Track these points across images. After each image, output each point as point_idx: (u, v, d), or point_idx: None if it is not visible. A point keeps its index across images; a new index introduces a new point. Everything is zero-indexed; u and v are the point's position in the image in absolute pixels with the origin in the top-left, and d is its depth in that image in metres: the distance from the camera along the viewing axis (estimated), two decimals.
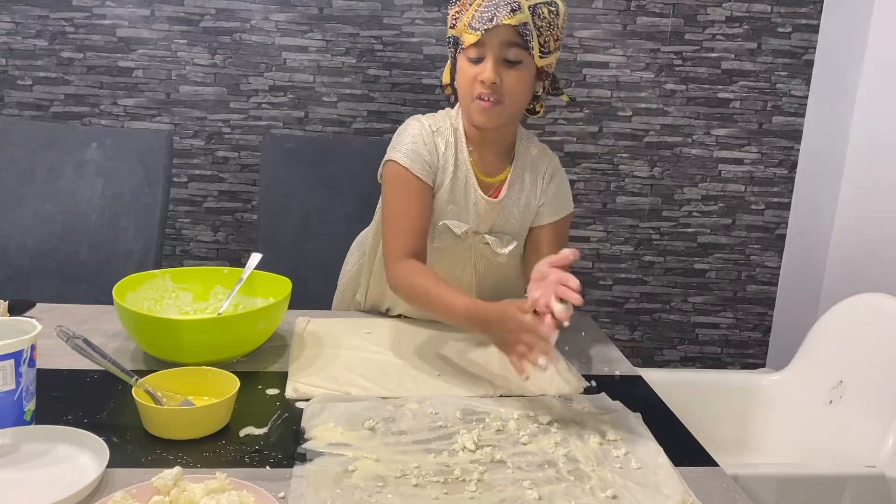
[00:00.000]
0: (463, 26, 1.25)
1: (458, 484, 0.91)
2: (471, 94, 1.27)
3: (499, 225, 1.37)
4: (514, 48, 1.24)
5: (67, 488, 0.83)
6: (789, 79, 2.51)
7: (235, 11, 2.35)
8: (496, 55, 1.24)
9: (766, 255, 2.65)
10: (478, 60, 1.25)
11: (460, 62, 1.29)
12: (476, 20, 1.22)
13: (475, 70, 1.25)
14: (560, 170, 1.42)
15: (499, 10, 1.20)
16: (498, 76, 1.24)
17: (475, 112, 1.29)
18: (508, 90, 1.26)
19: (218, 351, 1.19)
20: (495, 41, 1.23)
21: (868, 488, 1.34)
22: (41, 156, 1.85)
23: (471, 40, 1.23)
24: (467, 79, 1.27)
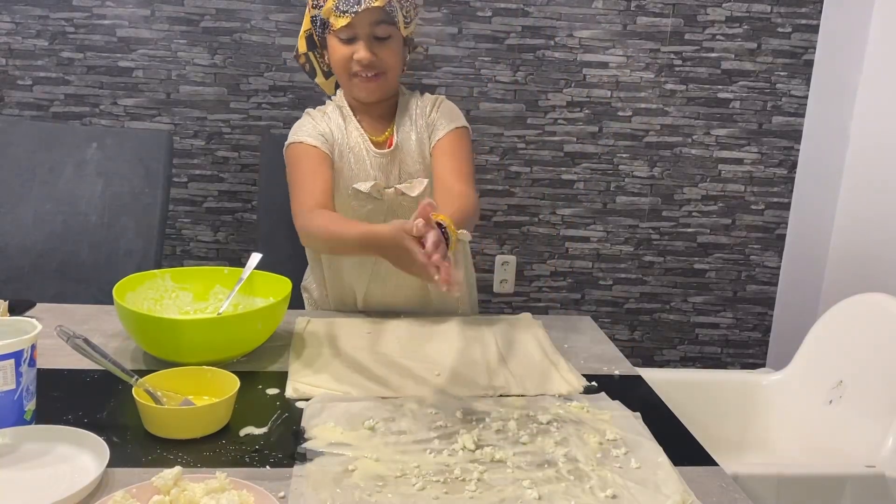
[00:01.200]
0: (330, 8, 1.29)
1: (457, 484, 0.91)
2: (348, 71, 1.34)
3: (404, 172, 1.42)
4: (382, 25, 1.31)
5: (67, 488, 0.83)
6: (789, 79, 2.51)
7: (235, 11, 2.35)
8: (367, 34, 1.30)
9: (765, 255, 2.65)
10: (349, 40, 1.31)
11: (331, 42, 1.34)
12: (343, 3, 1.27)
13: (348, 49, 1.32)
14: (443, 99, 1.46)
15: None
16: (372, 53, 1.31)
17: (356, 88, 1.36)
18: (385, 64, 1.34)
19: (218, 351, 1.19)
20: (365, 21, 1.29)
21: (868, 488, 1.34)
22: (41, 156, 1.85)
23: (341, 23, 1.28)
24: (342, 58, 1.33)
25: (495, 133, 2.50)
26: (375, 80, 1.34)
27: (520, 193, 2.55)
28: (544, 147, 2.52)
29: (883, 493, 1.34)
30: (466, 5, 2.39)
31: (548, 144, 2.52)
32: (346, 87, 1.39)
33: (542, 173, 2.54)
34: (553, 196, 2.56)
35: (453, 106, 1.46)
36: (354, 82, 1.35)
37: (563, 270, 2.62)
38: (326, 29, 1.34)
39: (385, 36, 1.32)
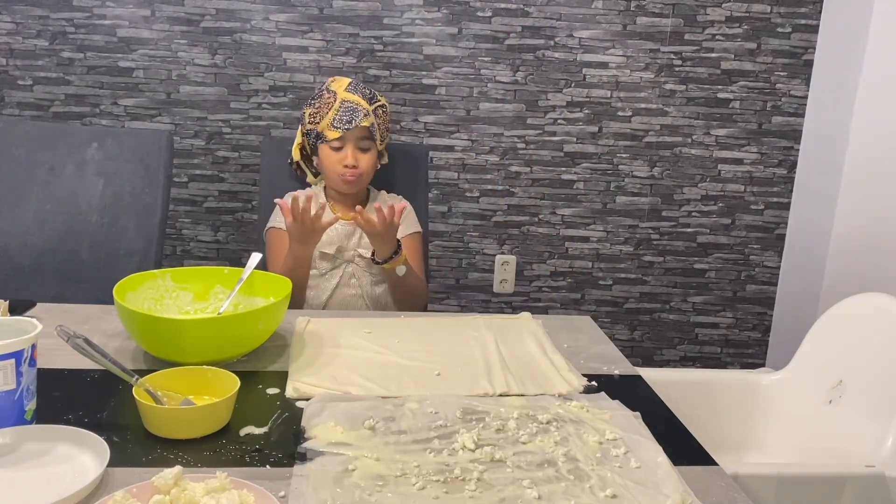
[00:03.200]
0: (326, 125, 1.71)
1: (457, 483, 0.91)
2: (337, 172, 1.73)
3: (363, 243, 1.75)
4: (365, 140, 1.73)
5: (68, 488, 0.83)
6: (789, 79, 2.51)
7: (235, 11, 2.35)
8: (354, 145, 1.72)
9: (765, 254, 2.65)
10: (338, 149, 1.72)
11: (323, 150, 1.74)
12: (337, 121, 1.70)
13: (338, 156, 1.72)
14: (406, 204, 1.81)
15: (356, 115, 1.70)
16: (356, 159, 1.72)
17: (341, 184, 1.75)
18: (364, 167, 1.74)
19: (218, 350, 1.19)
20: (353, 136, 1.72)
21: (868, 488, 1.34)
22: (41, 156, 1.85)
23: (334, 135, 1.71)
24: (333, 162, 1.73)
25: (495, 133, 2.50)
26: (356, 179, 1.73)
27: (520, 193, 2.55)
28: (544, 147, 2.52)
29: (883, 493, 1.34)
30: (466, 5, 2.39)
31: (548, 144, 2.52)
32: (333, 182, 1.77)
33: (542, 173, 2.55)
34: (553, 196, 2.56)
35: (413, 213, 1.84)
36: (340, 180, 1.74)
37: (562, 270, 2.63)
38: (320, 139, 1.73)
39: (366, 147, 1.74)
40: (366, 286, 1.75)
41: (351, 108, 1.70)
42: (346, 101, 1.71)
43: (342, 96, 1.72)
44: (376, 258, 1.64)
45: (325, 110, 1.72)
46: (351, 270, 1.75)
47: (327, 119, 1.71)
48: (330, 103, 1.72)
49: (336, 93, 1.72)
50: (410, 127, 2.47)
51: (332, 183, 1.77)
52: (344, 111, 1.70)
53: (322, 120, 1.72)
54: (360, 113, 1.70)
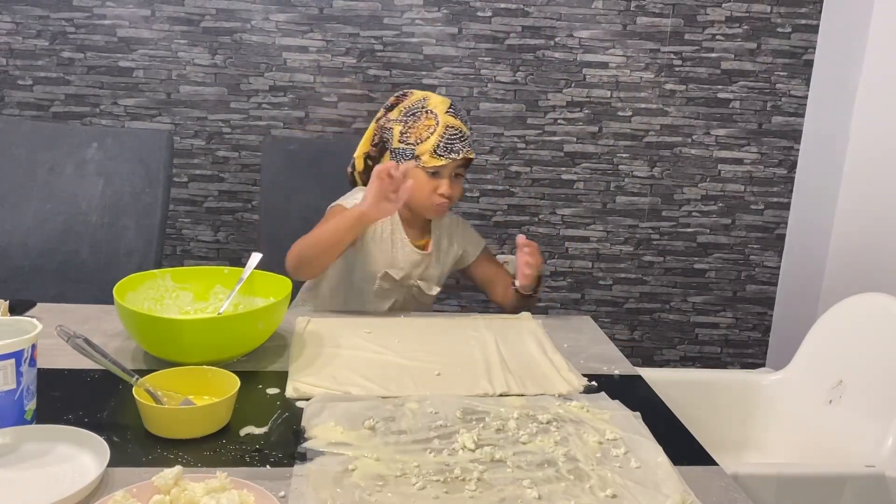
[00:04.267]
0: (427, 150, 1.58)
1: (457, 483, 0.91)
2: (430, 200, 1.61)
3: (427, 274, 1.68)
4: (461, 168, 1.63)
5: (68, 488, 0.83)
6: (789, 79, 2.51)
7: (235, 11, 2.35)
8: (451, 174, 1.61)
9: (765, 254, 2.65)
10: (434, 175, 1.59)
11: (417, 173, 1.58)
12: (441, 149, 1.57)
13: (433, 183, 1.60)
14: (461, 221, 1.79)
15: (461, 144, 1.59)
16: (451, 189, 1.61)
17: (432, 212, 1.65)
18: (457, 195, 1.64)
19: (218, 350, 1.19)
20: (453, 165, 1.60)
21: (868, 488, 1.34)
22: (41, 156, 1.85)
23: (435, 163, 1.57)
24: (427, 188, 1.60)
25: (495, 133, 2.50)
26: (446, 209, 1.65)
27: (520, 193, 2.55)
28: (544, 147, 2.52)
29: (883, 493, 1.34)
30: (466, 5, 2.39)
31: (548, 144, 2.52)
32: (421, 210, 1.65)
33: (542, 173, 2.54)
34: (553, 196, 2.56)
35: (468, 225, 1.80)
36: (431, 207, 1.62)
37: (562, 270, 2.63)
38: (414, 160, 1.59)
39: (461, 174, 1.64)
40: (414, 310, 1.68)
41: (455, 136, 1.58)
42: (451, 126, 1.58)
43: (445, 120, 1.58)
44: (520, 289, 1.59)
45: (426, 133, 1.58)
46: (405, 299, 1.68)
47: (428, 144, 1.57)
48: (431, 126, 1.58)
49: (437, 115, 1.59)
50: None
51: (419, 209, 1.65)
52: (448, 138, 1.57)
53: (422, 143, 1.58)
54: (465, 142, 1.59)
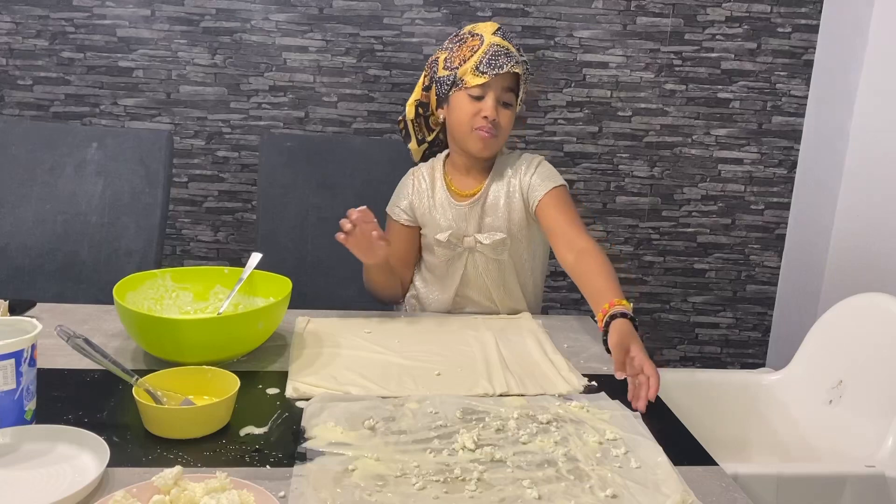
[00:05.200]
0: (469, 69, 1.47)
1: (457, 483, 0.91)
2: (471, 126, 1.49)
3: (485, 224, 1.55)
4: (509, 93, 1.49)
5: (68, 488, 0.83)
6: (789, 79, 2.51)
7: (235, 11, 2.35)
8: (497, 96, 1.47)
9: (765, 254, 2.65)
10: (479, 98, 1.47)
11: (458, 99, 1.49)
12: (484, 65, 1.46)
13: (476, 106, 1.48)
14: (540, 159, 1.58)
15: (506, 59, 1.46)
16: (497, 113, 1.48)
17: (474, 141, 1.50)
18: (503, 124, 1.50)
19: (218, 350, 1.19)
20: (498, 85, 1.47)
21: (868, 488, 1.34)
22: (41, 156, 1.85)
23: (476, 81, 1.46)
24: (467, 113, 1.48)
25: None
26: (492, 137, 1.49)
27: None
28: (544, 147, 2.52)
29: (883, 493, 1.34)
30: (466, 5, 2.39)
31: (548, 144, 2.52)
32: (463, 143, 1.52)
33: None
34: None
35: (551, 167, 1.57)
36: (474, 135, 1.49)
37: (563, 270, 2.62)
38: (457, 86, 1.49)
39: (508, 103, 1.50)
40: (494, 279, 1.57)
41: (501, 52, 1.46)
42: (496, 44, 1.47)
43: (491, 40, 1.47)
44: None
45: (469, 53, 1.48)
46: (475, 262, 1.57)
47: (471, 62, 1.46)
48: (475, 46, 1.48)
49: (483, 36, 1.49)
50: None
51: (462, 141, 1.53)
52: (493, 54, 1.46)
53: (464, 64, 1.47)
54: (510, 58, 1.46)
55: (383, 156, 1.98)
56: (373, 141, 2.34)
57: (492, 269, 1.57)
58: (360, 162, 1.97)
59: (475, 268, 1.57)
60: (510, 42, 1.49)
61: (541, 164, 1.56)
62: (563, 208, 1.50)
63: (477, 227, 1.55)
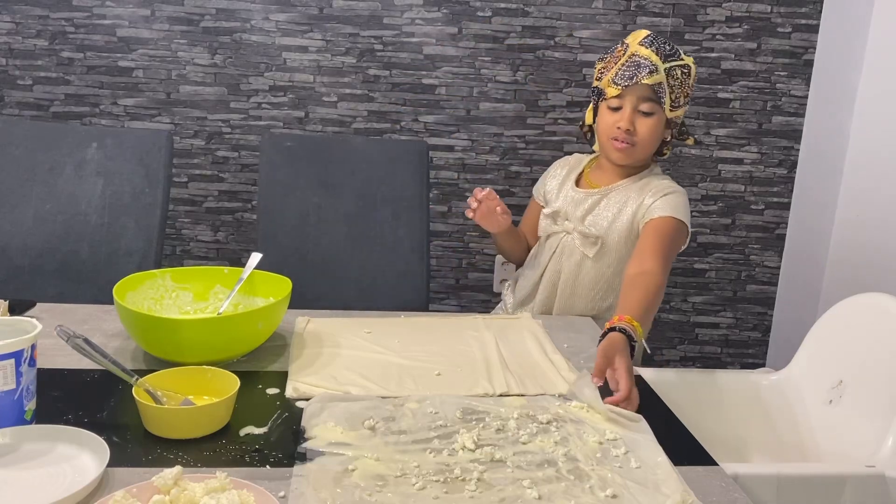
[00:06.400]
0: (608, 80, 1.52)
1: (457, 483, 0.91)
2: (608, 136, 1.55)
3: (591, 222, 1.58)
4: (648, 102, 1.51)
5: (68, 488, 0.83)
6: (789, 79, 2.51)
7: (235, 11, 2.35)
8: (633, 106, 1.51)
9: (765, 254, 2.65)
10: (617, 109, 1.53)
11: (602, 109, 1.56)
12: (619, 77, 1.50)
13: (614, 117, 1.53)
14: (681, 191, 1.56)
15: (640, 70, 1.48)
16: (632, 124, 1.51)
17: (611, 150, 1.56)
18: (641, 136, 1.53)
19: (218, 350, 1.19)
20: (633, 95, 1.51)
21: (868, 488, 1.34)
22: (41, 156, 1.85)
23: (612, 93, 1.52)
24: (607, 124, 1.55)
25: (495, 133, 2.50)
26: (628, 148, 1.53)
27: (520, 193, 2.55)
28: (544, 147, 2.52)
29: (883, 493, 1.34)
30: (466, 5, 2.39)
31: (548, 144, 2.52)
32: (605, 150, 1.58)
33: (542, 173, 2.54)
34: None
35: (684, 201, 1.55)
36: (611, 144, 1.55)
37: None
38: (602, 97, 1.56)
39: (649, 112, 1.52)
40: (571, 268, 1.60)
41: (636, 64, 1.48)
42: (635, 54, 1.49)
43: (633, 49, 1.50)
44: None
45: (612, 64, 1.53)
46: (568, 243, 1.61)
47: (610, 74, 1.52)
48: (618, 57, 1.53)
49: (629, 45, 1.52)
50: (410, 127, 2.47)
51: (604, 149, 1.59)
52: (628, 66, 1.49)
53: (606, 75, 1.54)
54: (644, 69, 1.47)
55: (383, 156, 1.98)
56: (373, 141, 2.34)
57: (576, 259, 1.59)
58: (360, 162, 1.97)
59: (562, 251, 1.62)
60: (655, 49, 1.48)
61: (675, 193, 1.55)
62: (662, 236, 1.47)
63: (582, 218, 1.59)
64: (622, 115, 1.51)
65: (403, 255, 1.93)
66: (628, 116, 1.51)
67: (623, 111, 1.51)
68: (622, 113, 1.52)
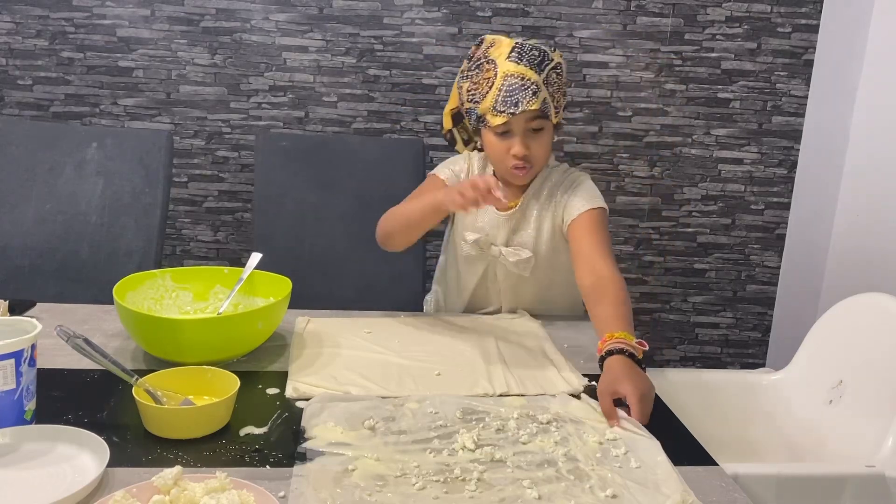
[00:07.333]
0: (488, 108, 1.39)
1: (457, 483, 0.91)
2: (505, 164, 1.44)
3: (515, 240, 1.51)
4: (537, 120, 1.40)
5: (68, 488, 0.83)
6: (789, 79, 2.51)
7: (235, 11, 2.35)
8: (522, 130, 1.40)
9: (765, 254, 2.65)
10: (504, 134, 1.41)
11: (487, 135, 1.45)
12: (500, 104, 1.37)
13: (505, 144, 1.42)
14: (584, 176, 1.53)
15: (522, 94, 1.36)
16: (527, 147, 1.41)
17: (511, 177, 1.46)
18: (535, 155, 1.43)
19: (218, 350, 1.19)
20: (520, 119, 1.39)
21: (868, 488, 1.34)
22: (41, 156, 1.85)
23: (498, 121, 1.39)
24: (499, 152, 1.43)
25: None
26: (528, 169, 1.44)
27: None
28: None
29: (883, 493, 1.34)
30: (466, 5, 2.39)
31: None
32: (501, 175, 1.48)
33: None
34: None
35: (592, 185, 1.51)
36: (510, 173, 1.45)
37: None
38: (482, 122, 1.43)
39: (538, 128, 1.41)
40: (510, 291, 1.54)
41: (515, 87, 1.36)
42: (509, 74, 1.37)
43: (504, 69, 1.37)
44: None
45: (486, 88, 1.40)
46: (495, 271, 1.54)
47: (488, 100, 1.39)
48: (490, 79, 1.39)
49: (496, 63, 1.39)
50: (410, 127, 2.47)
51: (500, 173, 1.49)
52: (507, 91, 1.36)
53: (483, 100, 1.40)
54: (527, 91, 1.36)
55: (382, 156, 1.98)
56: (369, 140, 2.34)
57: (511, 281, 1.53)
58: (358, 162, 1.97)
59: (494, 276, 1.55)
60: (527, 62, 1.37)
61: (582, 183, 1.50)
62: (594, 231, 1.43)
63: (506, 239, 1.51)
64: (513, 142, 1.40)
65: (400, 255, 1.92)
66: (521, 142, 1.40)
67: (513, 137, 1.40)
68: (512, 140, 1.40)
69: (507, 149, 1.41)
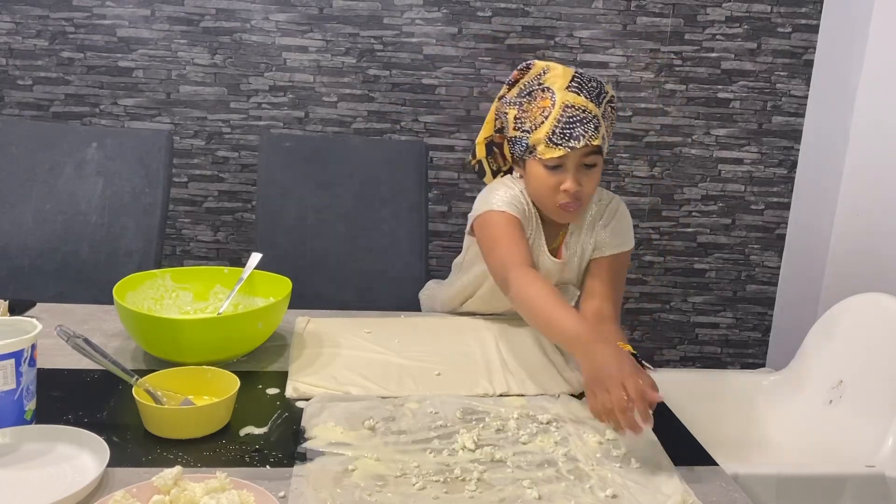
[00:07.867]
0: (541, 138, 1.27)
1: (457, 483, 0.91)
2: (552, 200, 1.32)
3: (562, 279, 1.44)
4: (592, 156, 1.29)
5: (68, 488, 0.83)
6: (789, 79, 2.51)
7: (235, 11, 2.35)
8: (576, 165, 1.28)
9: (765, 254, 2.65)
10: (556, 168, 1.29)
11: (535, 167, 1.31)
12: (558, 136, 1.25)
13: (555, 178, 1.29)
14: (622, 208, 1.44)
15: (584, 128, 1.25)
16: (579, 183, 1.29)
17: (558, 215, 1.34)
18: (587, 191, 1.31)
19: (218, 350, 1.19)
20: (576, 154, 1.27)
21: (868, 488, 1.34)
22: (41, 156, 1.85)
23: (552, 154, 1.27)
24: (547, 186, 1.31)
25: None
26: (577, 206, 1.32)
27: None
28: None
29: (883, 493, 1.34)
30: (466, 5, 2.39)
31: None
32: (547, 211, 1.36)
33: None
34: None
35: (628, 221, 1.44)
36: (556, 208, 1.33)
37: None
38: (531, 153, 1.31)
39: (592, 164, 1.30)
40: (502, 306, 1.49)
41: (576, 119, 1.26)
42: (569, 105, 1.26)
43: (563, 99, 1.27)
44: None
45: (540, 117, 1.28)
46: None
47: (543, 130, 1.27)
48: (546, 109, 1.28)
49: (554, 92, 1.28)
50: (410, 127, 2.47)
51: (545, 209, 1.36)
52: (567, 123, 1.26)
53: (536, 130, 1.29)
54: (589, 125, 1.25)
55: (383, 156, 1.98)
56: (371, 141, 2.34)
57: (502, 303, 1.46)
58: (359, 162, 1.97)
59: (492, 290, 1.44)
60: (587, 94, 1.28)
61: (620, 218, 1.43)
62: (613, 275, 1.39)
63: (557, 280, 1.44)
64: (565, 176, 1.29)
65: (402, 255, 1.93)
66: (573, 178, 1.29)
67: (565, 172, 1.29)
68: (564, 174, 1.29)
69: (556, 183, 1.30)
